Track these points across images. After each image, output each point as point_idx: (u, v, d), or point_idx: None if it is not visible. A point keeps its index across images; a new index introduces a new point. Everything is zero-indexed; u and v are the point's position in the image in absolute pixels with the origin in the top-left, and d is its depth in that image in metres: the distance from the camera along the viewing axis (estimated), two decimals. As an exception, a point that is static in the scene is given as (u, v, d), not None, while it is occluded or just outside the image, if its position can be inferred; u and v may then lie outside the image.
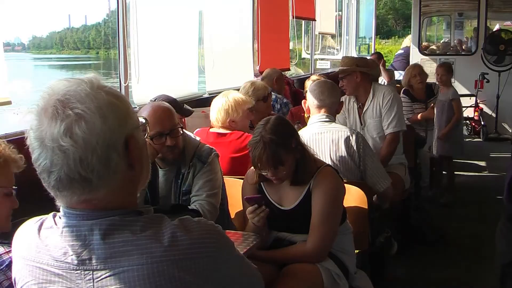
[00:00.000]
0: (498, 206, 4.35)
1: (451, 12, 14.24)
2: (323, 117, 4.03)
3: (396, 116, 5.03)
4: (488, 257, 4.84)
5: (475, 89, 11.32)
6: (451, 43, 13.82)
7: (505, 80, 11.10)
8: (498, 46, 11.15)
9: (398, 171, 5.08)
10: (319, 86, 4.12)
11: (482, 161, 9.65)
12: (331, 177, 3.16)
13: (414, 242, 5.61)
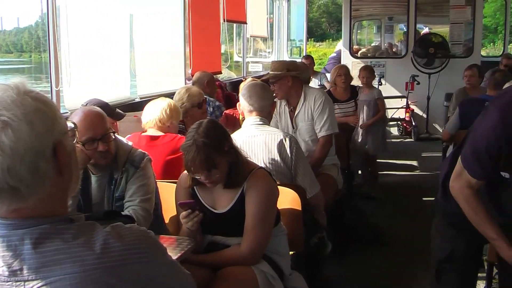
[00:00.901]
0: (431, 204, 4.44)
1: (382, 16, 14.54)
2: (256, 120, 4.04)
3: (328, 119, 5.08)
4: (423, 254, 4.95)
5: (406, 91, 11.59)
6: (382, 46, 14.09)
7: (435, 82, 11.40)
8: (428, 49, 11.43)
9: (331, 172, 5.15)
10: (248, 90, 4.12)
11: (414, 161, 9.89)
12: (264, 179, 3.18)
13: (348, 241, 5.70)
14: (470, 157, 2.42)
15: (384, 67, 12.05)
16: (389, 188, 7.98)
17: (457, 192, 2.56)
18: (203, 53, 7.96)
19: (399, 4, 12.60)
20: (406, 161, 9.86)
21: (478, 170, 2.42)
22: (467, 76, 7.79)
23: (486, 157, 2.33)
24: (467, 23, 11.93)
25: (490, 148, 2.30)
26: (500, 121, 2.23)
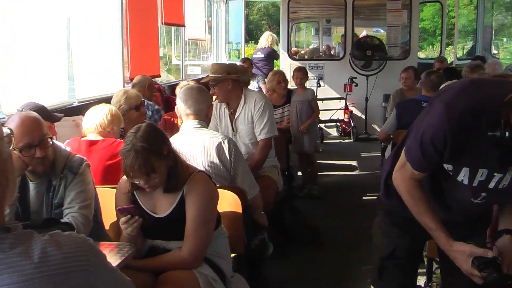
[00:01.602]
0: (371, 203, 4.51)
1: (319, 19, 14.68)
2: (194, 124, 4.03)
3: (268, 122, 5.11)
4: (364, 252, 5.05)
5: (344, 93, 11.75)
6: (320, 49, 14.24)
7: (373, 84, 11.62)
8: (365, 52, 11.62)
9: (271, 173, 5.18)
10: (184, 94, 4.09)
11: (353, 161, 10.02)
12: (204, 182, 3.19)
13: (290, 242, 5.73)
14: (414, 150, 2.46)
15: (322, 69, 12.20)
16: (329, 189, 8.07)
17: (399, 182, 2.60)
18: (141, 56, 7.90)
19: (336, 7, 12.74)
20: (346, 161, 10.00)
21: (422, 162, 2.46)
22: (404, 78, 7.94)
23: (431, 149, 2.38)
24: (403, 26, 12.19)
25: (435, 141, 2.34)
26: (445, 114, 2.27)
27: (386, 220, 2.94)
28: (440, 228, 2.51)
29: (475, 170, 2.41)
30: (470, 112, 2.26)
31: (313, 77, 11.82)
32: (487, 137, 2.23)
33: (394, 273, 2.92)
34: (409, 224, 2.63)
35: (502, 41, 19.10)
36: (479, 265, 2.37)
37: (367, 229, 3.26)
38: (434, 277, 3.82)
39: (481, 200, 2.54)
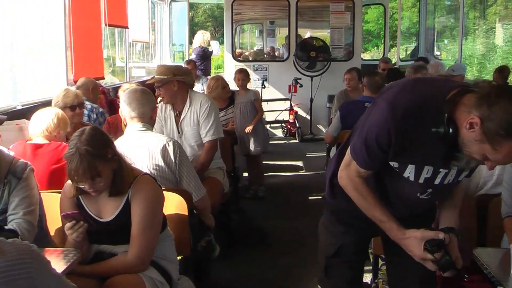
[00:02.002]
0: (317, 202, 4.58)
1: (263, 20, 14.75)
2: (139, 126, 4.02)
3: (214, 124, 5.12)
4: (310, 252, 5.10)
5: (289, 94, 11.85)
6: (264, 50, 14.30)
7: (317, 85, 11.72)
8: (309, 53, 11.73)
9: (217, 175, 5.20)
10: (128, 96, 4.06)
11: (299, 161, 10.09)
12: (149, 185, 3.18)
13: (236, 244, 5.76)
14: (359, 148, 2.48)
15: (267, 70, 12.25)
16: (275, 189, 8.12)
17: (345, 181, 2.62)
18: (85, 58, 7.80)
19: (280, 8, 12.81)
20: (291, 162, 10.07)
21: (367, 160, 2.48)
22: (347, 79, 8.05)
23: (375, 148, 2.40)
24: (347, 28, 12.36)
25: (379, 139, 2.37)
26: (388, 112, 2.30)
27: (331, 219, 2.96)
28: (391, 219, 2.55)
29: (420, 168, 2.45)
30: (413, 109, 2.29)
31: (257, 78, 11.89)
32: (431, 133, 2.27)
33: (340, 271, 2.95)
34: (355, 222, 2.67)
35: (444, 43, 19.56)
36: (431, 247, 2.43)
37: (313, 228, 3.29)
38: (380, 273, 3.90)
39: (427, 196, 2.59)
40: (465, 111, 2.19)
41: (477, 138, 2.14)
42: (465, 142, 2.20)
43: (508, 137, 2.05)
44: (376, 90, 6.13)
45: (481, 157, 2.20)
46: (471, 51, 18.78)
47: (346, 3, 12.20)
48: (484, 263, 2.70)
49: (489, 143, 2.11)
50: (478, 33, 20.43)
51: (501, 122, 2.05)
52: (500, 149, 2.10)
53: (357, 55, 12.35)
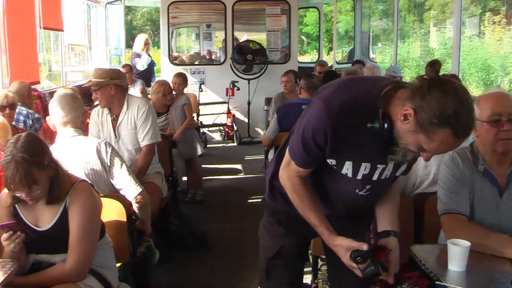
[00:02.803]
0: (256, 205, 4.55)
1: (199, 24, 14.72)
2: (71, 132, 3.94)
3: (152, 127, 5.08)
4: (250, 254, 5.12)
5: (226, 97, 11.86)
6: (201, 53, 14.28)
7: (254, 87, 11.77)
8: (246, 56, 11.76)
9: (155, 180, 5.15)
10: (60, 101, 3.97)
11: (238, 164, 10.10)
12: (86, 192, 3.12)
13: (176, 248, 5.73)
14: (297, 148, 2.50)
15: (204, 73, 12.23)
16: (214, 192, 8.13)
17: (285, 181, 2.64)
18: (20, 62, 7.62)
19: (216, 12, 12.81)
20: (230, 165, 10.08)
21: (305, 159, 2.50)
22: (284, 82, 8.13)
23: (313, 146, 2.42)
24: (283, 31, 12.45)
25: (316, 137, 2.38)
26: (324, 110, 2.32)
27: (272, 220, 2.97)
28: (323, 224, 2.58)
29: (358, 164, 2.49)
30: (348, 107, 2.32)
31: (195, 82, 11.85)
32: (367, 130, 2.31)
33: (281, 272, 2.96)
34: (295, 223, 2.68)
35: (380, 46, 19.97)
36: (355, 257, 2.46)
37: (253, 231, 3.30)
38: (319, 274, 3.93)
39: (367, 192, 2.62)
40: (399, 104, 2.24)
41: (412, 129, 2.18)
42: (401, 134, 2.25)
43: (441, 125, 2.11)
44: (313, 92, 6.19)
45: (416, 148, 2.24)
46: (409, 54, 19.25)
47: (282, 6, 12.29)
48: (421, 259, 2.76)
49: (423, 133, 2.16)
50: (416, 36, 21.00)
51: (433, 111, 2.10)
52: (434, 137, 2.15)
53: (294, 58, 12.45)
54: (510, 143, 3.00)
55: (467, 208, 3.05)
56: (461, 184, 3.06)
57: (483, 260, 2.74)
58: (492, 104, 2.99)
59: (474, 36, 19.03)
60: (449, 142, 2.16)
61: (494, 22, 18.08)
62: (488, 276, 2.63)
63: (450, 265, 2.62)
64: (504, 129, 2.95)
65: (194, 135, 7.91)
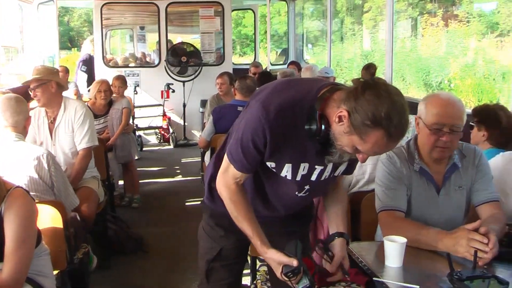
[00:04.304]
0: (193, 207, 4.56)
1: (133, 26, 14.60)
2: (12, 137, 3.86)
3: (89, 131, 5.02)
4: (190, 257, 5.10)
5: (162, 99, 11.79)
6: (136, 55, 14.15)
7: (189, 90, 11.75)
8: (181, 58, 11.73)
9: (91, 184, 5.08)
10: (3, 104, 3.88)
11: (175, 167, 10.08)
12: (22, 198, 3.04)
13: (114, 253, 5.66)
14: (236, 151, 2.48)
15: (138, 76, 12.13)
16: (152, 196, 8.08)
17: (221, 187, 2.62)
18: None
19: (149, 13, 12.74)
20: (167, 167, 10.05)
21: (244, 163, 2.49)
22: (219, 84, 8.14)
23: (252, 148, 2.41)
24: (217, 33, 12.46)
25: (255, 140, 2.38)
26: (262, 112, 2.32)
27: (211, 222, 2.96)
28: (257, 235, 2.56)
29: (297, 165, 2.50)
30: (286, 108, 2.34)
31: (129, 84, 11.73)
32: (304, 131, 2.33)
33: (221, 274, 2.96)
34: (234, 225, 2.67)
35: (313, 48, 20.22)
36: (286, 273, 2.45)
37: (191, 233, 3.30)
38: (258, 274, 3.95)
39: (305, 193, 2.64)
40: (335, 106, 2.27)
41: (346, 130, 2.21)
42: (336, 136, 2.28)
43: (374, 127, 2.14)
44: (248, 94, 6.24)
45: (351, 149, 2.27)
46: (348, 55, 19.56)
47: (215, 8, 12.31)
48: (359, 256, 2.81)
49: (357, 135, 2.19)
50: (355, 38, 21.35)
51: (366, 113, 2.13)
52: (368, 139, 2.18)
53: (228, 60, 12.49)
54: (446, 152, 3.10)
55: (404, 205, 3.12)
56: (398, 182, 3.14)
57: (419, 255, 2.81)
58: (438, 113, 3.04)
59: (413, 37, 19.55)
60: (382, 144, 2.19)
61: (432, 24, 18.60)
62: (424, 271, 2.69)
63: (387, 261, 2.68)
64: (443, 139, 3.03)
65: (132, 138, 7.86)
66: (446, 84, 16.34)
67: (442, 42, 18.25)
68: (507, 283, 2.38)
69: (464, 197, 3.22)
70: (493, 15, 17.04)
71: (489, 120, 4.11)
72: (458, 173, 3.19)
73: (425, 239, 2.85)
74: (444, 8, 19.19)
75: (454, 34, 17.92)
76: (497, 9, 16.59)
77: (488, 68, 15.58)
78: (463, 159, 3.21)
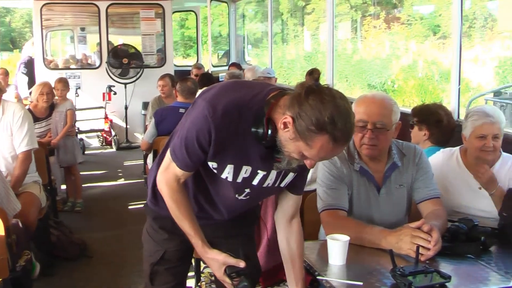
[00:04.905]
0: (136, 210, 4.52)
1: (74, 27, 14.40)
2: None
3: (28, 133, 4.92)
4: (134, 261, 5.08)
5: (103, 101, 11.66)
6: (77, 57, 13.96)
7: (131, 92, 11.67)
8: (122, 60, 11.63)
9: (33, 189, 4.98)
10: None
11: (117, 170, 9.98)
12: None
13: (57, 259, 5.59)
14: (179, 148, 2.45)
15: (80, 78, 11.97)
16: (95, 200, 8.00)
17: (163, 186, 2.59)
18: None
19: (90, 14, 12.59)
20: (109, 171, 9.95)
21: (187, 160, 2.46)
22: (161, 86, 8.12)
23: (196, 146, 2.39)
24: (158, 35, 12.40)
25: (199, 138, 2.36)
26: (208, 111, 2.30)
27: (154, 225, 2.94)
28: (198, 234, 2.56)
29: (239, 167, 2.48)
30: (233, 108, 2.32)
31: (71, 86, 11.56)
32: (251, 133, 2.32)
33: (166, 277, 2.94)
34: (178, 227, 2.66)
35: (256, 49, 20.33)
36: (231, 273, 2.47)
37: (135, 237, 3.29)
38: (202, 276, 3.96)
39: (246, 197, 2.63)
40: (281, 112, 2.26)
41: (292, 137, 2.21)
42: (283, 142, 2.27)
43: (318, 132, 2.14)
44: (189, 96, 6.25)
45: (298, 155, 2.27)
46: (291, 56, 19.71)
47: (156, 9, 12.25)
48: (302, 256, 2.84)
49: (302, 141, 2.18)
50: (299, 39, 21.54)
51: (310, 119, 2.13)
52: (313, 144, 2.17)
53: (169, 62, 12.46)
54: (373, 150, 3.18)
55: (346, 204, 3.18)
56: (339, 181, 3.20)
57: (362, 252, 2.87)
58: (361, 110, 3.17)
59: (356, 39, 19.84)
60: (328, 149, 2.19)
61: (375, 26, 18.92)
62: (367, 267, 2.73)
63: (330, 260, 2.73)
64: (367, 136, 3.14)
65: (75, 141, 7.78)
66: (390, 85, 16.64)
67: (385, 44, 18.60)
68: (449, 277, 2.45)
69: (405, 195, 3.31)
70: (434, 18, 17.46)
71: (430, 120, 4.24)
72: (398, 172, 3.27)
73: (369, 237, 2.92)
74: (386, 11, 19.55)
75: (397, 36, 18.29)
76: (439, 12, 17.00)
77: (430, 69, 15.96)
78: (403, 158, 3.29)
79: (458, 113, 4.80)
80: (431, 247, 2.72)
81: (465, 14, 14.51)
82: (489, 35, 15.98)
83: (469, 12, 15.32)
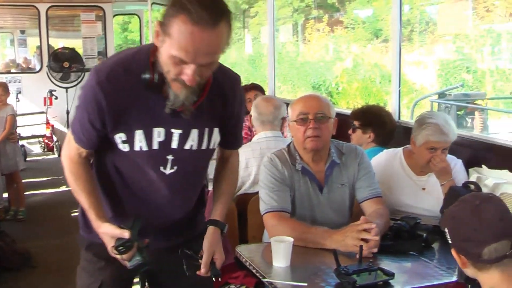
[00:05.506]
0: (76, 218, 4.40)
1: (14, 30, 14.14)
2: None
3: None
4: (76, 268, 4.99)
5: (45, 106, 11.45)
6: (17, 61, 13.71)
7: (73, 96, 11.46)
8: (63, 63, 11.46)
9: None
10: None
11: (60, 177, 9.77)
12: None
13: (1, 269, 5.49)
14: (73, 123, 2.37)
15: (20, 82, 11.74)
16: (37, 207, 7.87)
17: (64, 158, 2.46)
18: None
19: (30, 17, 12.41)
20: (52, 177, 9.73)
21: (80, 135, 2.35)
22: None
23: (86, 121, 2.28)
24: (99, 38, 12.25)
25: (89, 111, 2.25)
26: (93, 77, 2.22)
27: (88, 255, 2.70)
28: (93, 207, 2.39)
29: (149, 131, 2.30)
30: (119, 67, 2.23)
31: (11, 91, 11.34)
32: (144, 88, 2.20)
33: None
34: None
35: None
36: (117, 247, 2.24)
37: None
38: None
39: (173, 168, 2.40)
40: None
41: (161, 40, 2.09)
42: (162, 64, 2.14)
43: (175, 14, 2.02)
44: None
45: (172, 64, 2.10)
46: (232, 59, 19.71)
47: (97, 12, 12.11)
48: (247, 259, 2.86)
49: (166, 35, 2.06)
50: (242, 42, 21.59)
51: (167, 7, 2.05)
52: (173, 32, 2.03)
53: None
54: (317, 141, 3.21)
55: (288, 205, 3.20)
56: (281, 183, 3.21)
57: (306, 253, 2.89)
58: (300, 105, 3.26)
59: (299, 42, 19.95)
60: (187, 32, 2.01)
61: (318, 29, 19.06)
62: (312, 268, 2.75)
63: (275, 262, 2.74)
64: (310, 126, 3.18)
65: (17, 148, 7.61)
66: (334, 88, 16.80)
67: (329, 47, 18.78)
68: (393, 274, 2.51)
69: (347, 194, 3.35)
70: (376, 22, 17.71)
71: (375, 122, 4.31)
72: (338, 170, 3.31)
73: (313, 237, 2.94)
74: (329, 14, 19.74)
75: (340, 39, 18.49)
76: (381, 16, 17.24)
77: (373, 71, 16.19)
78: (342, 156, 3.33)
79: (398, 114, 4.87)
80: (370, 237, 2.76)
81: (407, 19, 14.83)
82: (431, 38, 16.29)
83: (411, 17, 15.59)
